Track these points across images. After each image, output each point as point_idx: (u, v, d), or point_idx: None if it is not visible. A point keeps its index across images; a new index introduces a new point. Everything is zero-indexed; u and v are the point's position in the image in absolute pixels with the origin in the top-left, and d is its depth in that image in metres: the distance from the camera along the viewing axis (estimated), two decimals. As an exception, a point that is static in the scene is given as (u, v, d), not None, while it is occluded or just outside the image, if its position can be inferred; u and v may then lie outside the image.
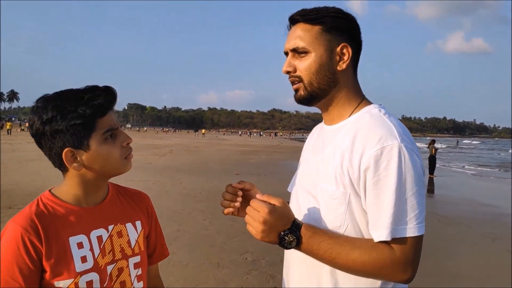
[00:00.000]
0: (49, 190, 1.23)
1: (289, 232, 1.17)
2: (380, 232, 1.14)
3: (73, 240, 1.16)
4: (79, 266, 1.14)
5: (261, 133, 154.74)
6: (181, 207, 8.13)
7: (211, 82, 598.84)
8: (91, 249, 1.18)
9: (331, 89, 1.29)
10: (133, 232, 1.31)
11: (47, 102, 1.15)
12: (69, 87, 1.21)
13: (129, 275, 1.26)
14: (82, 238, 1.18)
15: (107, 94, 1.17)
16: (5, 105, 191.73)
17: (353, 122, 1.28)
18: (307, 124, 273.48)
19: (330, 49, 1.26)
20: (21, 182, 10.38)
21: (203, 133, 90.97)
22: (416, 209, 1.14)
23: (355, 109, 1.31)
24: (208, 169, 15.82)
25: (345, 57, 1.27)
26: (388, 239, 1.13)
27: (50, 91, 1.21)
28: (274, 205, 1.17)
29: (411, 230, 1.14)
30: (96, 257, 1.19)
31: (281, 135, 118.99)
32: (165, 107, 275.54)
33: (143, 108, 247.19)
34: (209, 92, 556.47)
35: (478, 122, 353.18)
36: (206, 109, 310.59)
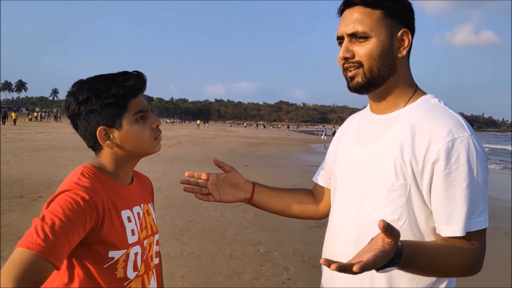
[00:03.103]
0: (89, 164, 1.25)
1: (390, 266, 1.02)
2: (455, 227, 1.12)
3: (124, 214, 1.22)
4: (130, 238, 1.21)
5: (265, 125, 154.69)
6: (192, 198, 7.96)
7: (218, 73, 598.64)
8: (135, 224, 1.25)
9: (389, 76, 1.24)
10: (153, 211, 1.41)
11: (82, 84, 1.21)
12: (77, 77, 1.28)
13: (153, 250, 1.34)
14: (129, 212, 1.24)
15: (138, 78, 1.23)
16: (14, 95, 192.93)
17: (410, 111, 1.23)
18: (314, 117, 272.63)
19: (391, 35, 1.21)
20: (31, 171, 10.41)
21: (198, 124, 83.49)
22: (485, 201, 1.13)
23: (411, 98, 1.25)
24: (216, 160, 15.76)
25: (405, 43, 1.23)
26: (463, 234, 1.11)
27: (58, 81, 1.23)
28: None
29: (483, 222, 1.13)
30: (138, 231, 1.26)
31: (279, 128, 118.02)
32: (172, 98, 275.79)
33: (150, 99, 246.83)
34: (216, 83, 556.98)
35: (486, 116, 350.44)
36: (213, 100, 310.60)
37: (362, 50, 1.21)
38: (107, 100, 1.18)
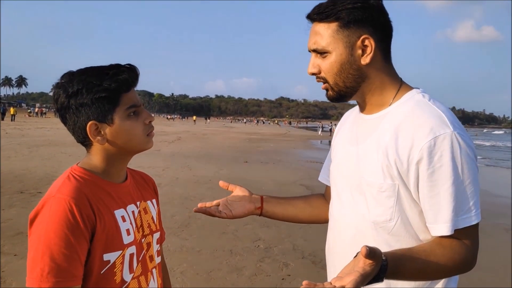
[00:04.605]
0: (77, 165, 1.20)
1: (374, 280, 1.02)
2: (441, 226, 1.11)
3: (118, 213, 1.17)
4: (125, 239, 1.17)
5: (264, 121, 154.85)
6: (192, 194, 8.11)
7: (219, 69, 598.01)
8: (131, 223, 1.20)
9: (359, 84, 1.24)
10: (153, 209, 1.34)
11: (72, 76, 1.15)
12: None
13: (153, 249, 1.30)
14: (123, 212, 1.19)
15: (131, 71, 1.18)
16: (14, 90, 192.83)
17: (396, 110, 1.22)
18: (314, 113, 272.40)
19: (350, 45, 1.19)
20: (31, 167, 10.41)
21: (194, 120, 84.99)
22: (474, 197, 1.12)
23: (396, 95, 1.24)
24: (217, 156, 15.81)
25: (368, 50, 1.20)
26: (450, 233, 1.11)
27: (58, 77, 1.18)
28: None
29: (473, 218, 1.12)
30: (134, 231, 1.21)
31: (279, 124, 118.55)
32: (172, 94, 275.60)
33: (150, 95, 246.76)
34: (217, 79, 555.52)
35: (487, 113, 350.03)
36: (213, 96, 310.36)
37: (324, 66, 1.23)
38: (98, 94, 1.12)
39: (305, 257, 4.96)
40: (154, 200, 1.38)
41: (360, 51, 1.20)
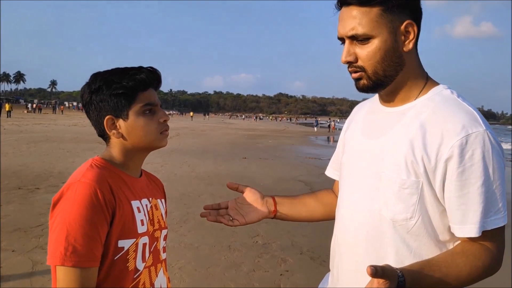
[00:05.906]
0: (98, 156, 1.28)
1: None
2: (469, 227, 1.07)
3: (134, 204, 1.24)
4: (139, 228, 1.23)
5: (261, 117, 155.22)
6: (190, 190, 8.11)
7: (217, 65, 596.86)
8: (145, 215, 1.27)
9: (397, 73, 1.16)
10: (162, 207, 1.40)
11: (97, 76, 1.26)
12: (76, 70, 1.27)
13: (160, 244, 1.35)
14: (138, 203, 1.26)
15: (150, 73, 1.27)
16: (12, 86, 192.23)
17: (421, 105, 1.16)
18: (313, 109, 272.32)
19: (394, 31, 1.12)
20: (29, 163, 10.39)
21: (191, 116, 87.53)
22: (503, 198, 1.08)
23: (422, 90, 1.19)
24: (215, 152, 15.80)
25: (411, 36, 1.14)
26: (478, 234, 1.07)
27: (57, 73, 1.22)
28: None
29: (501, 220, 1.08)
30: (147, 222, 1.27)
31: (271, 119, 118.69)
32: (171, 90, 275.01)
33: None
34: (215, 75, 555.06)
35: (486, 109, 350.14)
36: (212, 92, 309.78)
37: (364, 53, 1.14)
38: (116, 91, 1.21)
39: (303, 253, 4.96)
40: (163, 200, 1.43)
41: (402, 37, 1.14)
